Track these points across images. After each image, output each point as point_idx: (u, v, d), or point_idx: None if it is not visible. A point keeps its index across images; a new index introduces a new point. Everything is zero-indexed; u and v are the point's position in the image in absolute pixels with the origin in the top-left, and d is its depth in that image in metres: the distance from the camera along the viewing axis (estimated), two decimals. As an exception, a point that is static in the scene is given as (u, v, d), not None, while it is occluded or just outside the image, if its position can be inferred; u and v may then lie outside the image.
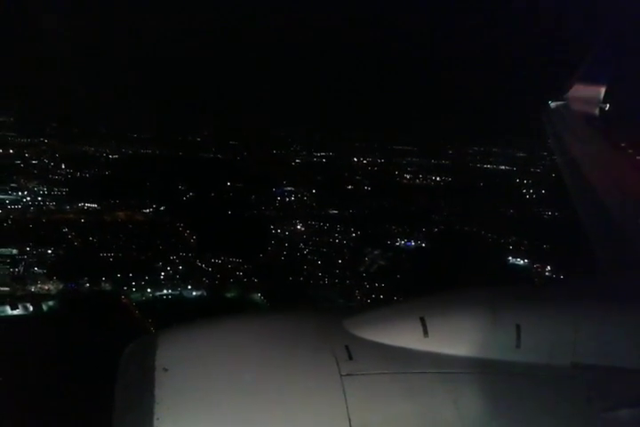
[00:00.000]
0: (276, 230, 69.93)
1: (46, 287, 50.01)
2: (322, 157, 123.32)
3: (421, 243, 64.84)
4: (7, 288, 49.41)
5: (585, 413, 2.51)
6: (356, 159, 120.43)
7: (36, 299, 47.56)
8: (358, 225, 67.97)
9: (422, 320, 2.59)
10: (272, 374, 2.30)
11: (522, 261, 58.80)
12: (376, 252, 61.48)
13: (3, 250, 56.79)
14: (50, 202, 79.66)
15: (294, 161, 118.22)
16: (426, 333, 2.58)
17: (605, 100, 8.50)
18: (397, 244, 64.43)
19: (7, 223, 67.03)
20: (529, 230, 60.38)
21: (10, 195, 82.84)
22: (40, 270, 52.89)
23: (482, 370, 2.50)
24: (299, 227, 71.65)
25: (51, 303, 47.34)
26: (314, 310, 2.91)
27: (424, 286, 49.91)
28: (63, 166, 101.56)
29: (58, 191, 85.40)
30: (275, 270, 57.36)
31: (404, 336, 2.57)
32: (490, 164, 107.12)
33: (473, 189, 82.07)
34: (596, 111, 8.53)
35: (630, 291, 3.52)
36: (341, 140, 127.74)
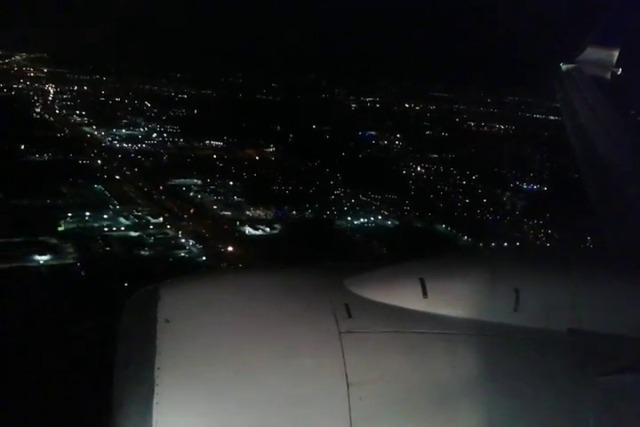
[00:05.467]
0: (400, 171, 74.89)
1: (260, 213, 55.27)
2: (372, 102, 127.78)
3: (542, 186, 69.74)
4: (229, 213, 54.91)
5: (580, 378, 2.57)
6: (407, 105, 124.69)
7: (260, 222, 53.11)
8: (469, 168, 72.51)
9: (422, 281, 2.61)
10: (272, 329, 2.37)
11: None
12: (508, 193, 66.91)
13: (188, 181, 61.06)
14: (177, 138, 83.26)
15: (351, 106, 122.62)
16: (425, 294, 2.59)
17: (618, 64, 8.38)
18: (521, 186, 69.14)
19: (181, 157, 70.88)
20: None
21: (133, 130, 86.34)
22: (239, 199, 57.90)
23: (479, 332, 2.57)
24: (418, 169, 76.94)
25: (278, 226, 52.94)
26: (315, 268, 2.87)
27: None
28: (148, 104, 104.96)
29: (171, 128, 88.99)
30: (434, 206, 62.74)
31: (403, 296, 2.59)
32: (537, 113, 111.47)
33: (545, 138, 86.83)
34: (609, 75, 8.34)
35: (631, 257, 3.67)
36: (374, 87, 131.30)
